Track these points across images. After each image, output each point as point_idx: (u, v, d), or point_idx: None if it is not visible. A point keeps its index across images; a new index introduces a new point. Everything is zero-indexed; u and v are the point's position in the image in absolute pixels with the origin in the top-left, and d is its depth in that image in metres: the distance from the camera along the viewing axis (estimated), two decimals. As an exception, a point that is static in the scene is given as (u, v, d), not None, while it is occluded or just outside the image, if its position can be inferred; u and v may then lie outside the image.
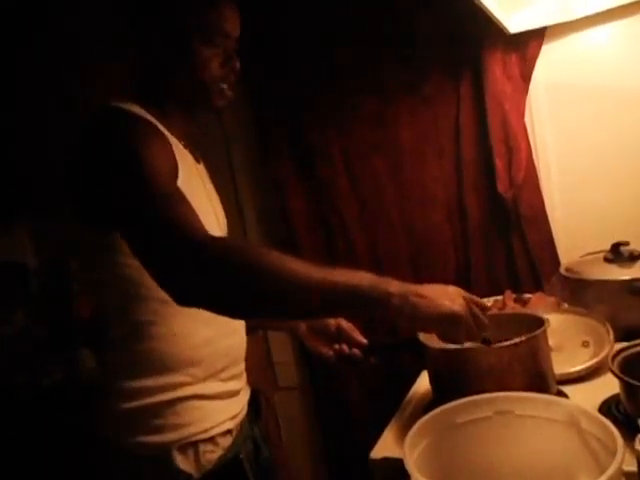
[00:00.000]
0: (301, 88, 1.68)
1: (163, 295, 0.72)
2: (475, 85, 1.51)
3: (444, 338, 0.79)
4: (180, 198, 0.76)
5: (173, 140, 0.89)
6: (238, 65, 0.91)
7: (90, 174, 0.82)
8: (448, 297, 0.75)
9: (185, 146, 0.94)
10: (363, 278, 0.71)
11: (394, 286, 0.72)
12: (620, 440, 0.59)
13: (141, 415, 0.86)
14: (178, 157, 0.86)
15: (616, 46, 1.45)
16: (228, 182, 1.85)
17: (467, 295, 0.78)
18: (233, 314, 0.78)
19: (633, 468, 0.64)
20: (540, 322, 0.97)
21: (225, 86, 0.91)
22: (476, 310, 0.77)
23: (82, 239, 0.88)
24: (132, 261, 0.79)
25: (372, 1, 1.56)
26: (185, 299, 0.72)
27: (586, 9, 1.39)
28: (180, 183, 0.82)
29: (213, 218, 0.95)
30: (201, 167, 1.00)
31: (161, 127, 0.87)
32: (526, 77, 1.48)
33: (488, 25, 1.34)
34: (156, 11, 0.88)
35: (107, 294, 0.89)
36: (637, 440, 0.58)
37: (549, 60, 1.49)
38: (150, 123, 0.84)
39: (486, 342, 0.93)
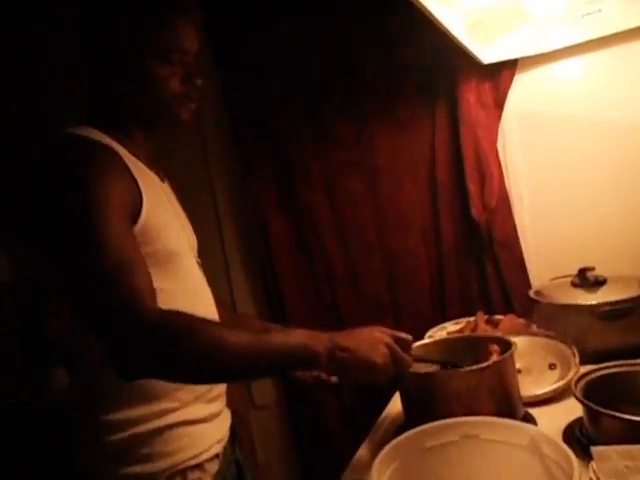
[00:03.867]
0: (280, 110, 1.70)
1: None
2: (450, 112, 1.56)
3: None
4: (130, 263, 0.74)
5: (138, 164, 0.87)
6: (199, 82, 0.90)
7: (40, 211, 0.80)
8: (371, 346, 0.82)
9: (150, 166, 0.92)
10: (296, 340, 0.79)
11: (322, 344, 0.79)
12: (577, 465, 0.61)
13: (126, 446, 0.82)
14: (143, 180, 0.84)
15: (584, 78, 1.51)
16: (208, 199, 1.87)
17: (390, 338, 0.85)
18: (177, 383, 0.82)
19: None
20: (508, 345, 1.00)
21: (187, 101, 0.90)
22: (398, 352, 0.84)
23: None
24: None
25: (352, 33, 1.60)
26: (127, 376, 0.73)
27: (554, 44, 1.46)
28: (147, 207, 0.81)
29: (183, 237, 0.94)
30: (166, 186, 0.98)
31: (123, 150, 0.84)
32: (499, 106, 1.53)
33: (463, 56, 1.39)
34: (109, 31, 0.85)
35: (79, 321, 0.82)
36: (590, 468, 0.60)
37: (521, 90, 1.55)
38: (109, 150, 0.82)
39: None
